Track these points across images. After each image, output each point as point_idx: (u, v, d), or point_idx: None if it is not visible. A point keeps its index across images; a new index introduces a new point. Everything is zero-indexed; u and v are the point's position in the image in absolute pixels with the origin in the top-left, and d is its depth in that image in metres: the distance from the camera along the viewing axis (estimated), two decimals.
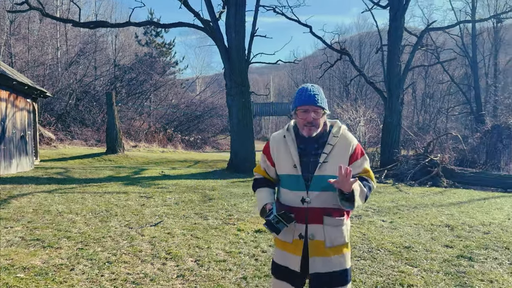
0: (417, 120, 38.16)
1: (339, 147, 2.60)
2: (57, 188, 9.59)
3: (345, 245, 2.64)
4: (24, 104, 12.99)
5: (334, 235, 2.60)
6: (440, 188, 12.73)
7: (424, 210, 8.38)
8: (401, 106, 17.13)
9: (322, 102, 2.57)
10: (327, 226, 2.59)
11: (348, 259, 2.66)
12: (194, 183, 11.46)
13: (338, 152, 2.59)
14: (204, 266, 4.76)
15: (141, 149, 26.06)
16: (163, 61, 40.15)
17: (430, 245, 5.79)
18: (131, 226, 6.48)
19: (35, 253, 5.05)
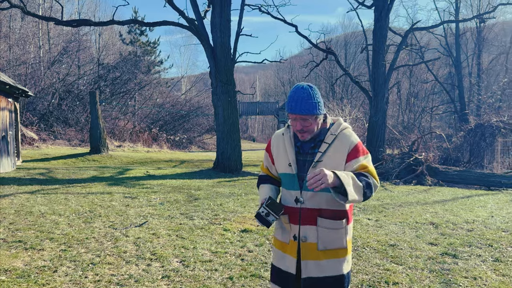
0: (402, 119, 38.53)
1: (336, 146, 2.46)
2: (40, 189, 9.43)
3: (342, 249, 2.48)
4: (5, 103, 12.75)
5: (328, 238, 2.46)
6: (425, 187, 12.86)
7: (409, 208, 8.45)
8: (386, 105, 17.28)
9: (312, 109, 2.39)
10: (321, 228, 2.46)
11: (347, 264, 2.50)
12: (179, 183, 11.38)
13: (334, 151, 2.45)
14: (189, 266, 4.72)
15: (125, 149, 25.82)
16: (148, 60, 39.89)
17: (415, 243, 5.84)
18: (116, 227, 6.40)
19: (17, 255, 4.95)
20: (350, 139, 2.48)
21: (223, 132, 14.49)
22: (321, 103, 2.46)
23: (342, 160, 2.43)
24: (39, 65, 30.55)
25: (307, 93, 2.41)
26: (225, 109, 14.39)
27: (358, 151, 2.45)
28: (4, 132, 12.61)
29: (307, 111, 2.38)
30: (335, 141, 2.46)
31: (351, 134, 2.52)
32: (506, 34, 38.08)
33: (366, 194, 2.36)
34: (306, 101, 2.39)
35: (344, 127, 2.54)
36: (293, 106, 2.41)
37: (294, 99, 2.42)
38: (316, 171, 2.27)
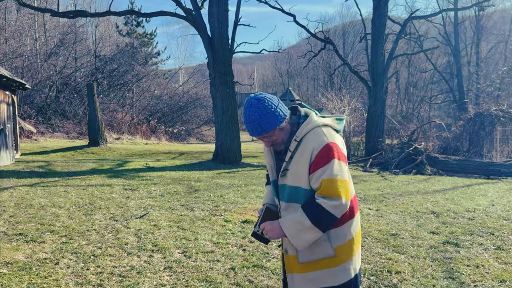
0: (400, 109, 38.52)
1: (300, 152, 2.21)
2: (39, 182, 9.40)
3: (330, 259, 2.24)
4: (2, 96, 12.67)
5: (307, 250, 2.26)
6: (425, 176, 12.86)
7: (410, 198, 8.45)
8: (385, 95, 17.24)
9: (267, 126, 2.19)
10: None
11: (344, 273, 2.27)
12: (179, 174, 11.36)
13: (298, 157, 2.22)
14: (191, 257, 4.71)
15: (124, 141, 25.76)
16: (145, 52, 39.66)
17: (417, 232, 5.83)
18: (116, 219, 6.38)
19: (18, 247, 4.93)
20: (313, 144, 2.18)
21: (222, 124, 14.44)
22: (278, 111, 2.21)
23: (305, 170, 2.19)
24: (35, 58, 30.36)
25: (257, 111, 2.19)
26: (223, 100, 14.32)
27: (321, 160, 2.15)
28: (2, 125, 12.53)
29: (263, 131, 2.21)
30: (300, 146, 2.22)
31: (317, 135, 2.21)
32: (505, 22, 37.91)
33: (322, 227, 2.15)
34: (258, 122, 2.20)
35: (311, 127, 2.24)
36: (249, 130, 2.26)
37: (247, 122, 2.25)
38: (266, 224, 2.31)
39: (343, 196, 2.13)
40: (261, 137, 2.27)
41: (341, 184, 2.14)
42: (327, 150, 2.16)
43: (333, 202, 2.11)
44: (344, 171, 2.19)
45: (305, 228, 2.14)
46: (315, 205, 2.14)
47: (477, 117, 18.05)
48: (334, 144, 2.20)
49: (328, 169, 2.13)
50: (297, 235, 2.16)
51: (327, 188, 2.12)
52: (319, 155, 2.15)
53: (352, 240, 2.30)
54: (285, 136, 2.29)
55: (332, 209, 2.12)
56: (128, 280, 4.04)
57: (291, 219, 2.19)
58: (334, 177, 2.13)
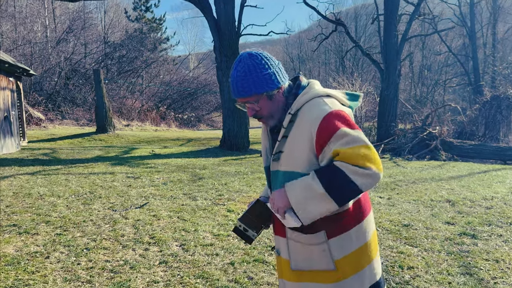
0: (414, 93, 37.75)
1: (295, 129, 1.76)
2: (41, 170, 9.20)
3: (328, 273, 1.80)
4: (6, 83, 12.47)
5: (301, 256, 1.85)
6: (439, 162, 12.43)
7: (423, 185, 8.07)
8: (398, 78, 16.70)
9: (251, 88, 1.76)
10: (291, 241, 1.88)
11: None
12: (184, 162, 11.09)
13: (293, 137, 1.76)
14: (189, 251, 4.43)
15: (133, 128, 25.61)
16: (154, 37, 39.27)
17: (431, 222, 5.48)
18: (115, 208, 6.13)
19: (9, 240, 4.70)
20: (310, 115, 1.72)
21: (229, 109, 14.10)
22: (271, 73, 1.78)
23: (304, 151, 1.73)
24: (45, 45, 30.20)
25: (244, 67, 1.77)
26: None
27: (325, 130, 1.66)
28: (6, 112, 12.37)
29: (244, 93, 1.78)
30: (295, 121, 1.77)
31: (316, 105, 1.74)
32: None
33: (338, 198, 1.65)
34: (241, 80, 1.77)
35: (307, 98, 1.78)
36: (232, 89, 1.84)
37: (231, 78, 1.84)
38: (274, 193, 1.80)
39: (372, 166, 1.61)
40: (242, 101, 1.83)
41: (366, 151, 1.62)
42: (331, 118, 1.68)
43: (358, 168, 1.60)
44: (363, 136, 1.67)
45: (316, 195, 1.65)
46: (332, 168, 1.64)
47: (493, 100, 17.46)
48: (339, 111, 1.71)
49: (339, 142, 1.64)
50: (304, 204, 1.67)
51: (346, 155, 1.62)
52: (321, 127, 1.67)
53: (361, 249, 1.83)
54: (275, 109, 1.83)
55: (355, 176, 1.60)
56: (119, 277, 3.77)
57: (299, 183, 1.70)
58: (352, 145, 1.63)
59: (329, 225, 1.78)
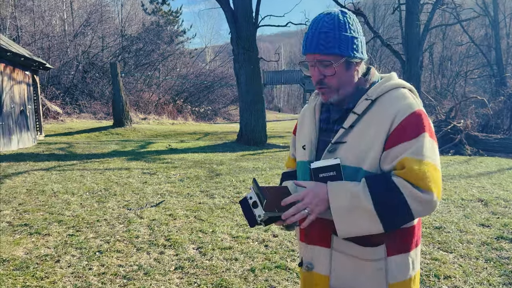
0: (434, 85, 36.86)
1: (372, 118, 1.45)
2: (56, 165, 9.06)
3: None
4: (22, 76, 12.38)
5: (348, 272, 1.51)
6: (464, 157, 11.95)
7: (452, 183, 7.67)
8: (420, 69, 16.17)
9: (335, 44, 1.43)
10: (337, 253, 1.52)
11: None
12: (201, 157, 10.85)
13: (366, 126, 1.45)
14: (206, 255, 4.16)
15: (150, 122, 25.51)
16: (170, 30, 39.11)
17: (464, 224, 5.11)
18: (130, 207, 5.91)
19: (19, 241, 4.51)
20: (397, 106, 1.43)
21: (246, 102, 13.80)
22: (359, 40, 1.48)
23: (375, 144, 1.43)
24: (63, 38, 30.27)
25: (334, 22, 1.45)
26: (248, 77, 13.64)
27: (407, 129, 1.39)
28: (22, 106, 12.29)
29: (325, 49, 1.44)
30: (371, 110, 1.47)
31: (402, 97, 1.46)
32: None
33: (387, 221, 1.36)
34: (326, 33, 1.44)
35: (392, 86, 1.50)
36: (307, 42, 1.48)
37: (311, 32, 1.48)
38: (310, 183, 1.47)
39: (434, 191, 1.35)
40: (318, 57, 1.46)
41: (434, 173, 1.37)
42: (417, 118, 1.41)
43: (419, 193, 1.33)
44: (437, 156, 1.43)
45: (361, 210, 1.37)
46: (390, 184, 1.36)
47: None
48: (424, 113, 1.45)
49: (415, 146, 1.37)
50: (347, 213, 1.38)
51: (411, 173, 1.35)
52: (404, 123, 1.40)
53: (415, 278, 1.54)
54: (346, 82, 1.50)
55: (413, 202, 1.34)
56: (132, 284, 3.53)
57: (346, 187, 1.41)
58: (424, 159, 1.36)
59: (391, 239, 1.46)
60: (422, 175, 1.35)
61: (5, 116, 11.15)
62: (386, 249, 1.46)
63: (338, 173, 1.46)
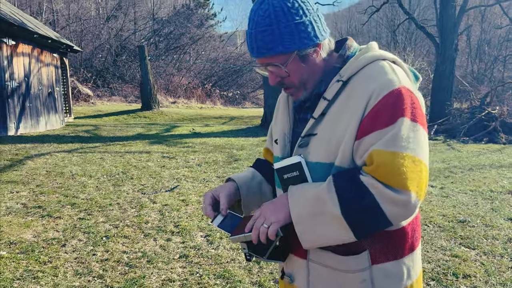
0: (471, 69, 35.43)
1: (343, 102, 1.21)
2: (78, 148, 9.13)
3: None
4: (50, 59, 12.53)
5: (329, 285, 1.28)
6: (498, 145, 11.36)
7: (481, 173, 7.25)
8: (455, 52, 15.42)
9: (271, 45, 1.19)
10: (314, 264, 1.29)
11: None
12: (223, 141, 10.73)
13: (338, 115, 1.21)
14: (213, 243, 4.04)
15: (179, 105, 25.60)
16: (201, 13, 38.94)
17: (491, 218, 4.79)
18: (145, 191, 5.86)
19: (30, 223, 4.50)
20: (372, 85, 1.17)
21: (271, 87, 13.53)
22: (306, 23, 1.19)
23: (350, 134, 1.17)
24: (95, 22, 30.64)
25: (268, 13, 1.18)
26: None
27: (382, 112, 1.14)
28: (50, 88, 12.46)
29: (266, 51, 1.20)
30: (344, 92, 1.22)
31: (380, 73, 1.19)
32: None
33: (357, 228, 1.13)
34: (264, 30, 1.19)
35: (368, 59, 1.23)
36: (248, 46, 1.26)
37: (248, 33, 1.24)
38: (267, 204, 1.25)
39: (411, 189, 1.10)
40: (264, 62, 1.24)
41: (411, 167, 1.10)
42: (395, 99, 1.14)
43: (392, 193, 1.09)
44: (422, 144, 1.15)
45: (327, 216, 1.14)
46: (356, 182, 1.13)
47: None
48: (408, 91, 1.17)
49: (388, 135, 1.11)
50: (310, 221, 1.17)
51: (381, 169, 1.11)
52: (379, 106, 1.14)
53: (411, 287, 1.30)
54: (308, 76, 1.26)
55: (386, 204, 1.10)
56: (134, 272, 3.44)
57: (308, 189, 1.20)
58: (398, 150, 1.10)
59: (375, 243, 1.22)
60: (394, 171, 1.09)
61: (33, 98, 11.32)
62: (369, 257, 1.22)
63: (301, 173, 1.24)
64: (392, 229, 1.22)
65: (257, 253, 1.30)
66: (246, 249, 1.30)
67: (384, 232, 1.21)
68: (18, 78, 10.59)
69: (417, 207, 1.13)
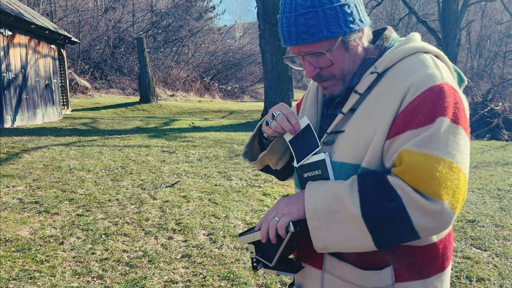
0: (471, 65, 35.31)
1: (377, 97, 1.08)
2: (76, 141, 8.97)
3: None
4: (47, 50, 12.32)
5: None
6: (501, 142, 11.26)
7: (487, 170, 7.13)
8: (457, 48, 15.30)
9: (317, 29, 1.06)
10: (330, 276, 1.16)
11: None
12: (223, 136, 10.57)
13: (370, 109, 1.09)
14: (217, 242, 3.91)
15: (178, 99, 25.41)
16: (200, 6, 38.63)
17: (500, 217, 4.67)
18: (144, 186, 5.71)
19: (27, 220, 4.36)
20: (410, 79, 1.04)
21: (271, 81, 13.38)
22: (351, 5, 1.08)
23: (380, 132, 1.05)
24: (93, 13, 30.32)
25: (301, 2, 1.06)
26: (273, 54, 13.17)
27: (417, 113, 1.00)
28: (47, 80, 12.27)
29: (309, 36, 1.07)
30: (378, 86, 1.10)
31: (421, 66, 1.06)
32: None
33: (377, 235, 1.00)
34: (304, 15, 1.06)
35: (408, 51, 1.10)
36: (284, 33, 1.10)
37: (285, 17, 1.09)
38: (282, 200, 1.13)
39: (445, 198, 0.95)
40: (303, 51, 1.11)
41: (447, 174, 0.96)
42: (437, 95, 1.01)
43: (422, 200, 0.96)
44: (463, 149, 1.01)
45: (345, 213, 1.02)
46: (383, 183, 1.01)
47: None
48: (452, 88, 1.03)
49: (424, 134, 0.98)
50: (326, 218, 1.04)
51: (410, 171, 0.98)
52: (416, 103, 1.01)
53: None
54: (350, 66, 1.13)
55: (414, 212, 0.96)
56: (134, 272, 3.31)
57: (328, 185, 1.08)
58: (432, 153, 0.97)
59: (401, 258, 1.09)
60: (426, 175, 0.96)
61: (30, 90, 11.13)
62: (393, 273, 1.09)
63: (324, 172, 1.13)
64: (420, 244, 1.10)
65: (265, 258, 1.18)
66: (253, 253, 1.19)
67: (410, 246, 1.09)
68: (15, 70, 10.40)
69: (451, 221, 0.99)
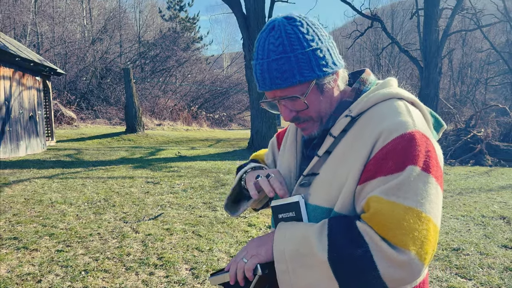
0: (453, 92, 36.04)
1: (350, 141, 1.09)
2: (59, 173, 8.85)
3: None
4: (32, 82, 12.29)
5: None
6: (485, 167, 11.39)
7: (471, 197, 7.18)
8: (439, 76, 15.62)
9: (285, 75, 1.07)
10: None
11: None
12: (209, 165, 10.53)
13: (343, 152, 1.09)
14: (199, 277, 3.82)
15: (165, 128, 25.39)
16: (187, 36, 39.18)
17: (485, 245, 4.67)
18: (127, 219, 5.62)
19: (4, 257, 4.23)
20: (383, 125, 1.04)
21: (258, 109, 13.48)
22: (323, 49, 1.09)
23: (352, 177, 1.04)
24: (80, 44, 30.50)
25: (280, 39, 1.08)
26: None
27: (387, 159, 1.00)
28: (31, 112, 12.19)
29: (282, 81, 1.08)
30: (352, 129, 1.11)
31: (393, 113, 1.07)
32: None
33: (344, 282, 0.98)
34: (277, 61, 1.07)
35: (383, 96, 1.11)
36: (258, 78, 1.12)
37: (258, 63, 1.11)
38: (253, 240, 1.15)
39: (411, 249, 0.94)
40: (278, 95, 1.12)
41: (415, 224, 0.95)
42: (407, 143, 1.00)
43: (389, 249, 0.94)
44: (433, 198, 1.00)
45: (312, 257, 1.01)
46: (352, 229, 1.00)
47: None
48: (423, 136, 1.03)
49: (393, 181, 0.98)
50: (293, 261, 1.03)
51: (377, 218, 0.97)
52: (387, 149, 1.01)
53: None
54: (326, 108, 1.14)
55: (381, 261, 0.94)
56: None
57: (299, 228, 1.07)
58: (399, 202, 0.96)
59: None
60: (393, 224, 0.95)
61: (13, 122, 11.03)
62: None
63: (297, 214, 1.12)
64: None
65: None
66: None
67: None
68: None
69: (420, 272, 0.96)
